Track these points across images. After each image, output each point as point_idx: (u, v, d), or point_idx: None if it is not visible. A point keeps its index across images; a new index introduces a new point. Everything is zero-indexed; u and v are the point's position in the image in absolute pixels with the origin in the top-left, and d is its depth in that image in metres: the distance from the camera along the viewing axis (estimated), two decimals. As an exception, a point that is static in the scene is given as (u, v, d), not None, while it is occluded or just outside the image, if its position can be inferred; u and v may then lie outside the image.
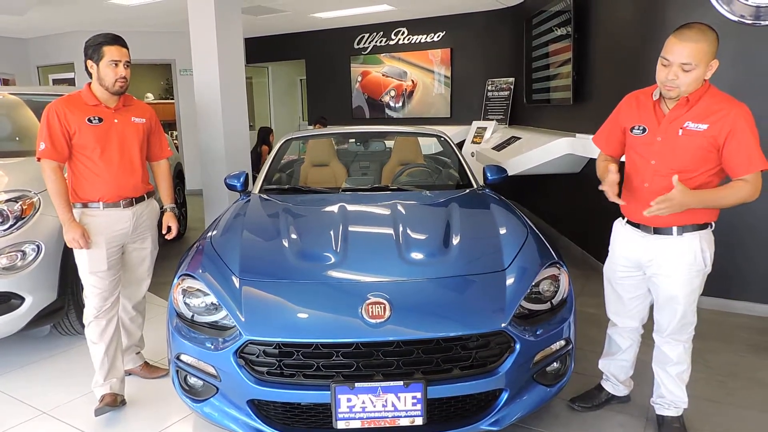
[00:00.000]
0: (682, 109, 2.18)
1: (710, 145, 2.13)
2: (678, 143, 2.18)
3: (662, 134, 2.22)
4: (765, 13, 3.59)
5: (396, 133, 4.54)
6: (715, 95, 2.17)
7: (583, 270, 4.79)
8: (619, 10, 4.51)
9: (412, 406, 2.06)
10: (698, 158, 2.16)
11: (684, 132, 2.16)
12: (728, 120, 2.09)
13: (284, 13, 7.88)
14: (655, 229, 2.28)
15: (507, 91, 7.78)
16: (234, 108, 5.89)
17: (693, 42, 2.04)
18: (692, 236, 2.24)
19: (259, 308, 2.21)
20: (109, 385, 2.72)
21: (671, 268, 2.28)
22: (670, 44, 2.09)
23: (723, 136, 2.10)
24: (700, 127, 2.13)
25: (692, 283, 2.28)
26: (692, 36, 2.05)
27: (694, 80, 2.09)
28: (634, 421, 2.62)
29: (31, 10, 7.00)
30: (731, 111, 2.10)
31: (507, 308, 2.19)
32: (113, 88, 2.60)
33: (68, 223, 2.54)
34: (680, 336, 2.38)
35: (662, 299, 2.35)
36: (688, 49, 2.04)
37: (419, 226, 2.75)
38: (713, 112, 2.13)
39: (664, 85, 2.15)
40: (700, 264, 2.26)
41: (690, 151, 2.16)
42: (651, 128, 2.26)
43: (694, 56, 2.04)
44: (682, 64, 2.06)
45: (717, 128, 2.11)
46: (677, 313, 2.32)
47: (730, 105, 2.12)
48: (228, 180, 3.72)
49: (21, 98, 4.24)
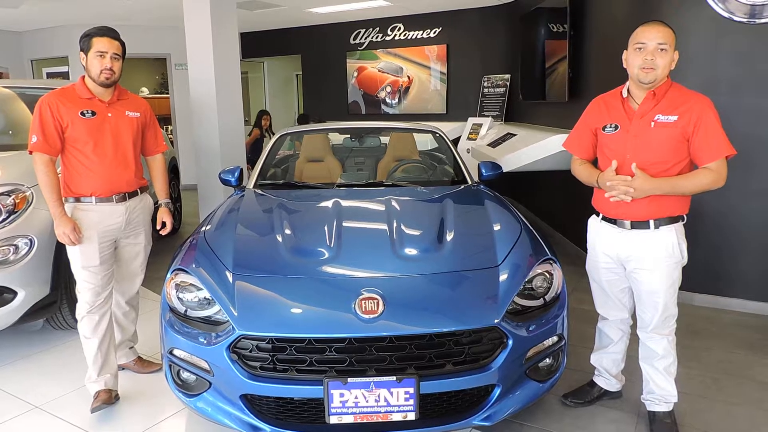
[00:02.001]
0: (650, 103, 2.29)
1: (681, 136, 2.24)
2: (651, 136, 2.27)
3: (634, 129, 2.30)
4: (760, 11, 3.60)
5: (391, 129, 4.54)
6: (679, 89, 2.30)
7: (577, 266, 4.79)
8: (615, 8, 4.52)
9: (405, 401, 2.06)
10: (671, 149, 2.26)
11: (656, 124, 2.26)
12: (695, 111, 2.22)
13: (280, 8, 7.85)
14: (632, 223, 2.34)
15: (503, 88, 7.78)
16: (229, 103, 5.88)
17: (663, 26, 2.22)
18: (668, 229, 2.32)
19: (252, 303, 2.21)
20: (104, 381, 2.71)
21: (651, 262, 2.33)
22: (643, 31, 2.25)
23: (692, 125, 2.22)
24: (671, 119, 2.24)
25: (671, 275, 2.35)
26: (660, 23, 2.24)
27: (666, 65, 2.22)
28: (626, 416, 2.63)
29: (25, 3, 6.95)
30: (697, 103, 2.23)
31: (500, 304, 2.20)
32: (99, 79, 2.58)
33: (59, 217, 2.52)
34: (663, 330, 2.43)
35: (644, 294, 2.40)
36: (661, 31, 2.21)
37: (413, 222, 2.75)
38: (680, 103, 2.25)
39: (641, 68, 2.24)
40: (677, 256, 2.34)
41: (663, 142, 2.26)
42: (623, 125, 2.35)
43: (667, 38, 2.20)
44: (658, 44, 2.20)
45: (686, 119, 2.22)
46: (659, 306, 2.37)
47: (694, 97, 2.26)
48: (222, 175, 3.71)
49: (14, 92, 4.21)
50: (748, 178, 3.71)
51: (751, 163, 3.68)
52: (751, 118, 3.67)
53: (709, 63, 3.76)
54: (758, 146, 3.68)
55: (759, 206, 3.77)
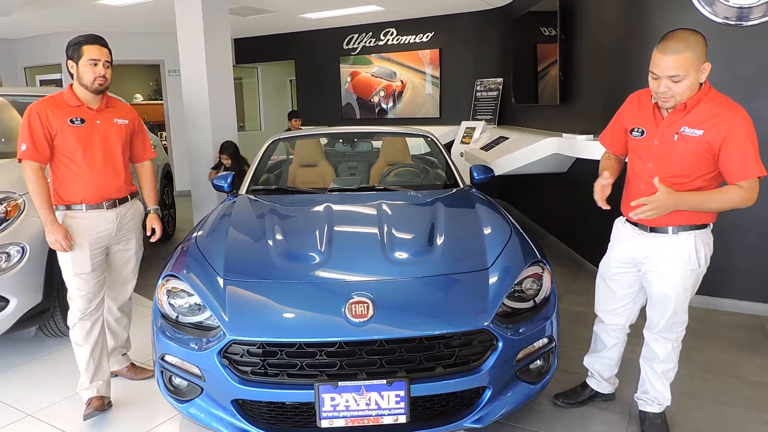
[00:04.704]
0: (679, 114, 2.17)
1: (705, 151, 2.12)
2: (674, 148, 2.17)
3: (659, 138, 2.22)
4: (747, 13, 3.63)
5: (383, 134, 4.56)
6: (714, 99, 2.14)
7: (570, 268, 4.81)
8: (605, 12, 4.55)
9: (396, 404, 2.07)
10: (693, 163, 2.15)
11: (680, 137, 2.15)
12: (724, 126, 2.07)
13: (273, 13, 7.87)
14: (651, 228, 2.31)
15: (496, 92, 7.81)
16: (222, 108, 5.89)
17: (676, 54, 2.02)
18: (688, 235, 2.25)
19: (243, 308, 2.21)
20: (96, 388, 2.71)
21: (665, 266, 2.29)
22: (656, 58, 2.08)
23: (718, 142, 2.08)
24: (696, 133, 2.11)
25: (684, 282, 2.29)
26: (675, 47, 2.03)
27: (688, 88, 2.08)
28: (618, 417, 2.64)
29: (17, 10, 6.95)
30: (728, 117, 2.08)
31: (489, 307, 2.21)
32: (92, 87, 2.58)
33: (50, 224, 2.53)
34: (669, 334, 2.41)
35: (655, 296, 2.38)
36: (672, 61, 2.03)
37: (404, 226, 2.77)
38: (710, 117, 2.10)
39: (659, 97, 2.15)
40: (693, 264, 2.26)
41: (685, 156, 2.15)
42: (649, 131, 2.26)
43: (680, 67, 2.03)
44: (670, 77, 2.06)
45: (712, 134, 2.09)
46: (668, 310, 2.35)
47: (727, 110, 2.10)
48: (215, 181, 3.71)
49: (6, 99, 4.22)
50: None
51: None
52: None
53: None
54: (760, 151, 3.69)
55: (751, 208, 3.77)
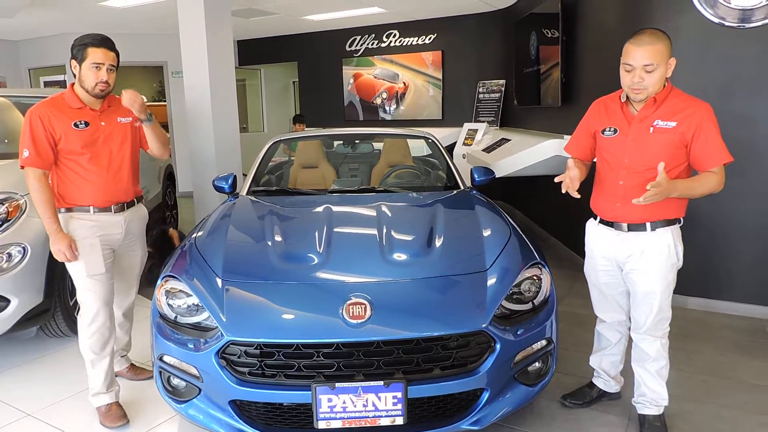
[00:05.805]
0: (650, 109, 2.29)
1: (679, 142, 2.25)
2: (649, 141, 2.28)
3: (633, 133, 2.31)
4: (749, 15, 3.62)
5: (383, 135, 4.57)
6: (679, 95, 2.30)
7: (571, 270, 4.80)
8: (606, 14, 4.55)
9: (393, 405, 2.07)
10: (668, 154, 2.25)
11: (655, 130, 2.27)
12: (695, 118, 2.22)
13: (276, 15, 7.89)
14: (629, 226, 2.36)
15: (498, 93, 7.81)
16: (224, 110, 5.90)
17: (650, 44, 2.18)
18: (664, 231, 2.34)
19: (241, 309, 2.22)
20: (114, 393, 2.69)
21: (647, 264, 2.35)
22: (630, 50, 2.22)
23: (691, 132, 2.23)
24: (669, 125, 2.25)
25: (667, 277, 2.37)
26: (648, 39, 2.18)
27: (659, 80, 2.22)
28: (617, 420, 2.64)
29: (20, 12, 6.98)
30: (697, 110, 2.23)
31: (488, 308, 2.21)
32: (93, 92, 2.53)
33: (55, 234, 2.46)
34: (656, 332, 2.44)
35: (639, 295, 2.42)
36: (647, 51, 2.17)
37: (403, 227, 2.77)
38: (680, 110, 2.25)
39: (631, 89, 2.26)
40: (673, 258, 2.36)
41: (661, 147, 2.26)
42: (622, 129, 2.36)
43: (654, 57, 2.17)
44: (644, 65, 2.18)
45: (685, 125, 2.23)
46: (654, 308, 2.39)
47: (695, 104, 2.25)
48: (216, 182, 3.70)
49: (10, 100, 4.24)
50: (739, 182, 3.72)
51: (742, 168, 3.68)
52: (741, 123, 3.69)
53: (698, 68, 3.78)
54: (749, 150, 3.70)
55: (750, 210, 3.79)
